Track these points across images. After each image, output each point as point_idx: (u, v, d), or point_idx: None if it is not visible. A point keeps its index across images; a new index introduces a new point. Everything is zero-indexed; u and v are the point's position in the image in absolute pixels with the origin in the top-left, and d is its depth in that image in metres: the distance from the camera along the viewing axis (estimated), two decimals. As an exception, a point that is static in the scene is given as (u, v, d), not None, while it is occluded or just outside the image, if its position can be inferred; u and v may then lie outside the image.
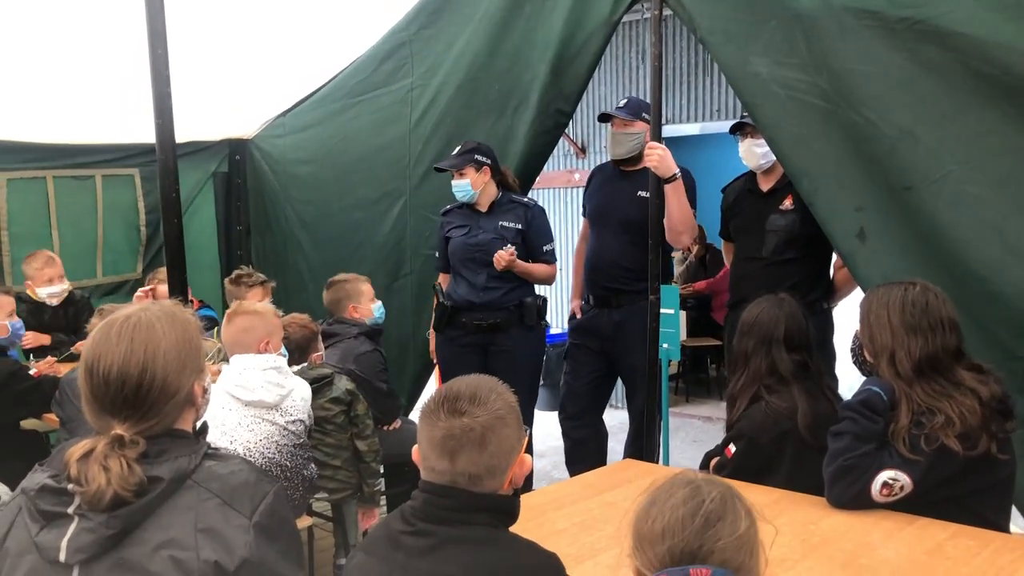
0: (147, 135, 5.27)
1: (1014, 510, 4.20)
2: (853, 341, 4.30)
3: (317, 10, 7.66)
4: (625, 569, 2.38)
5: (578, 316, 7.05)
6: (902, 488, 3.75)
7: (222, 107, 8.60)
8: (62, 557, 2.29)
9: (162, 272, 7.27)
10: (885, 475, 3.76)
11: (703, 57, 10.57)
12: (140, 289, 7.71)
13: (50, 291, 7.80)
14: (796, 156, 5.37)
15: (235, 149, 9.44)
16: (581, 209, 7.23)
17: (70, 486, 2.33)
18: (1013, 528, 4.04)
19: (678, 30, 10.62)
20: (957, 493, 3.81)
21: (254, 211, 9.38)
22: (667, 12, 5.90)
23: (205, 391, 2.65)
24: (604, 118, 6.81)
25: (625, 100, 6.72)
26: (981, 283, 4.71)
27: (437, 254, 7.18)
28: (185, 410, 2.56)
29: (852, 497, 3.83)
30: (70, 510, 2.33)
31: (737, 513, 2.22)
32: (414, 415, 7.25)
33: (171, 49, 5.10)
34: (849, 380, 4.82)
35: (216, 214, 9.55)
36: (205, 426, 2.70)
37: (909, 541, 3.57)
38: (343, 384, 5.65)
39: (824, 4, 5.08)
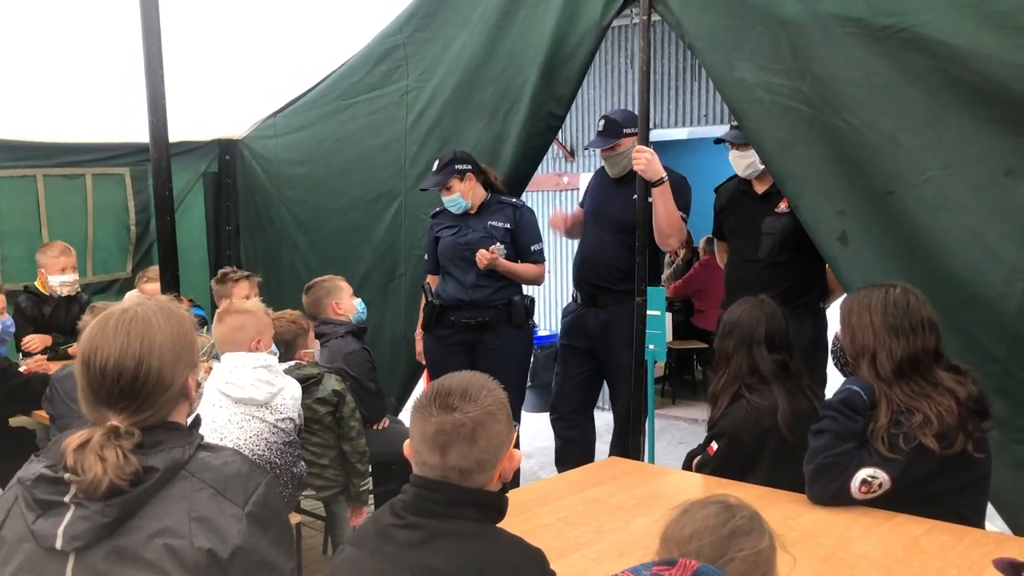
0: (138, 135, 5.32)
1: (990, 508, 4.24)
2: (834, 343, 4.36)
3: (304, 12, 7.72)
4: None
5: None
6: (880, 485, 3.80)
7: (212, 107, 8.61)
8: (58, 544, 2.33)
9: (151, 271, 7.56)
10: (864, 473, 3.81)
11: (691, 62, 10.61)
12: (131, 292, 7.66)
13: (62, 280, 7.85)
14: (780, 160, 5.44)
15: (225, 149, 9.42)
16: (580, 200, 7.25)
17: (66, 475, 2.36)
18: (989, 526, 4.08)
19: (666, 35, 10.66)
20: (934, 491, 3.86)
21: (244, 211, 9.36)
22: (655, 17, 5.94)
23: (199, 385, 2.68)
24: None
25: (603, 122, 6.72)
26: (961, 286, 4.79)
27: (426, 256, 7.20)
28: (179, 403, 2.60)
29: (832, 494, 3.88)
30: (66, 499, 2.36)
31: (762, 533, 2.34)
32: (403, 415, 7.51)
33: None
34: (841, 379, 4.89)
35: (206, 214, 9.52)
36: (198, 419, 2.72)
37: (886, 536, 3.63)
38: (330, 385, 5.63)
39: (809, 12, 5.16)
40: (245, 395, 4.94)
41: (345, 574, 2.70)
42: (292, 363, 5.60)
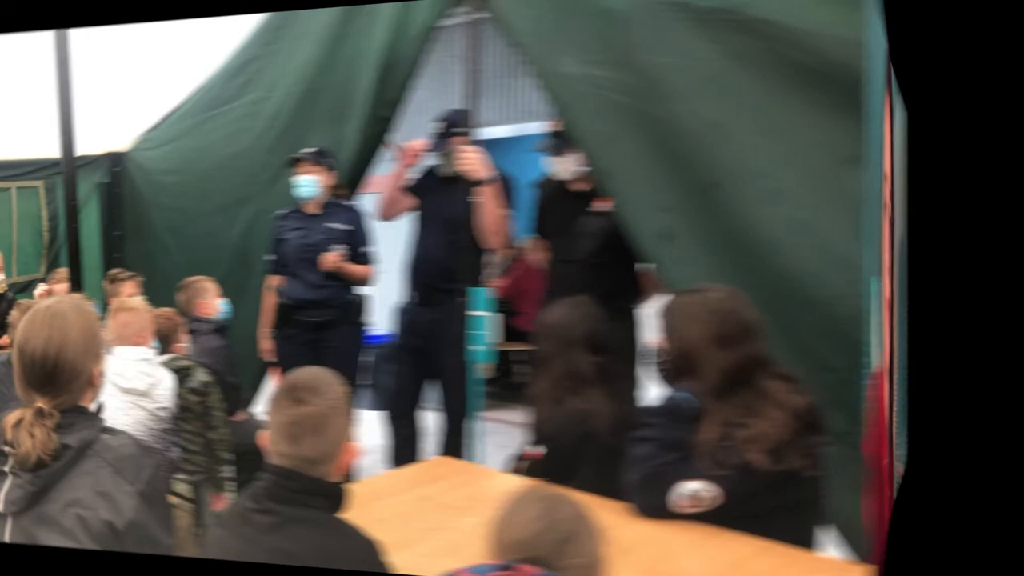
0: (47, 150, 5.63)
1: (833, 532, 3.48)
2: (656, 354, 3.50)
3: (188, 28, 7.03)
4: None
5: None
6: (711, 500, 3.08)
7: (107, 122, 8.19)
8: (0, 508, 2.44)
9: (60, 272, 7.35)
10: (691, 486, 3.10)
11: (516, 59, 9.87)
12: (41, 287, 7.64)
13: None
14: (604, 156, 4.55)
15: (115, 162, 8.80)
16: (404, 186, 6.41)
17: (5, 448, 2.49)
18: (831, 550, 3.39)
19: (491, 32, 9.95)
20: (763, 508, 3.10)
21: (129, 218, 8.71)
22: (482, 15, 5.29)
23: (102, 374, 2.72)
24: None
25: (434, 124, 6.24)
26: (792, 285, 3.81)
27: (271, 256, 6.48)
28: (87, 390, 2.63)
29: (657, 505, 3.15)
30: (6, 468, 2.49)
31: (590, 535, 2.12)
32: (252, 408, 6.92)
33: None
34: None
35: (100, 222, 8.90)
36: (101, 405, 2.73)
37: (712, 553, 3.03)
38: (200, 376, 5.25)
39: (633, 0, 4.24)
40: (130, 385, 4.84)
41: (212, 553, 2.65)
42: (170, 356, 5.37)
